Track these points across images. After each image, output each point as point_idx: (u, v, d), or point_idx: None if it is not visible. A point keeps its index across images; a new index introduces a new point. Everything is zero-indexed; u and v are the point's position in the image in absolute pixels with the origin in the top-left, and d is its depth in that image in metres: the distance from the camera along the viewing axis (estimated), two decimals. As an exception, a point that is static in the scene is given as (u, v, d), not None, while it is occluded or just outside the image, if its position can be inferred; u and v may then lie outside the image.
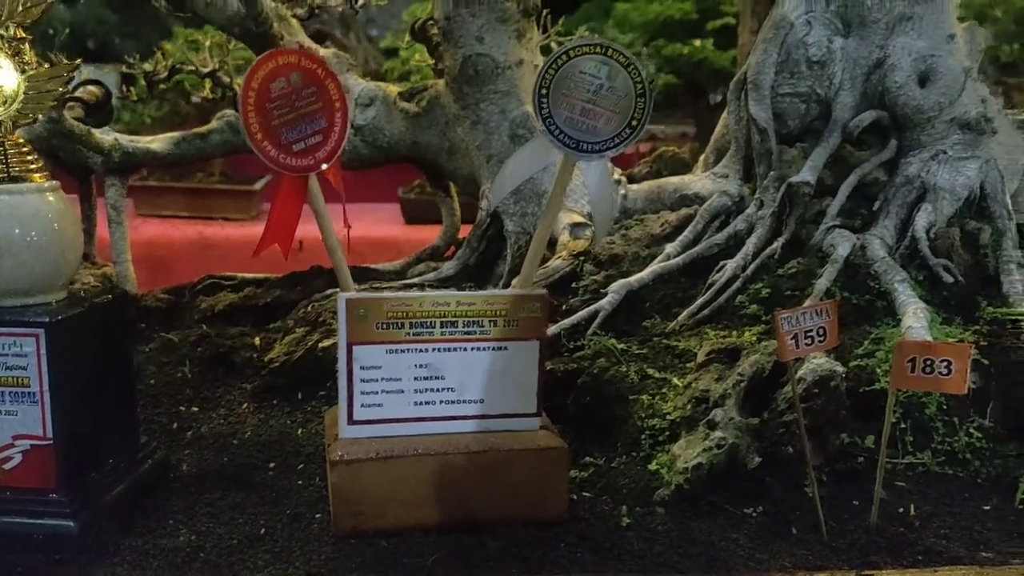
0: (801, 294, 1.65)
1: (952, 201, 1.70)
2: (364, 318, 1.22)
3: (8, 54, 1.25)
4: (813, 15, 1.81)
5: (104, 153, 2.29)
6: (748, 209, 1.82)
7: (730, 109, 1.93)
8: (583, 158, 1.28)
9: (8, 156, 1.26)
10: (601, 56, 1.26)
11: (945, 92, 1.72)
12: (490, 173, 2.15)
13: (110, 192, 2.34)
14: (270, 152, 1.21)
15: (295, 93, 1.22)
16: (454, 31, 2.13)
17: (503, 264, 2.11)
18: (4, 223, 1.23)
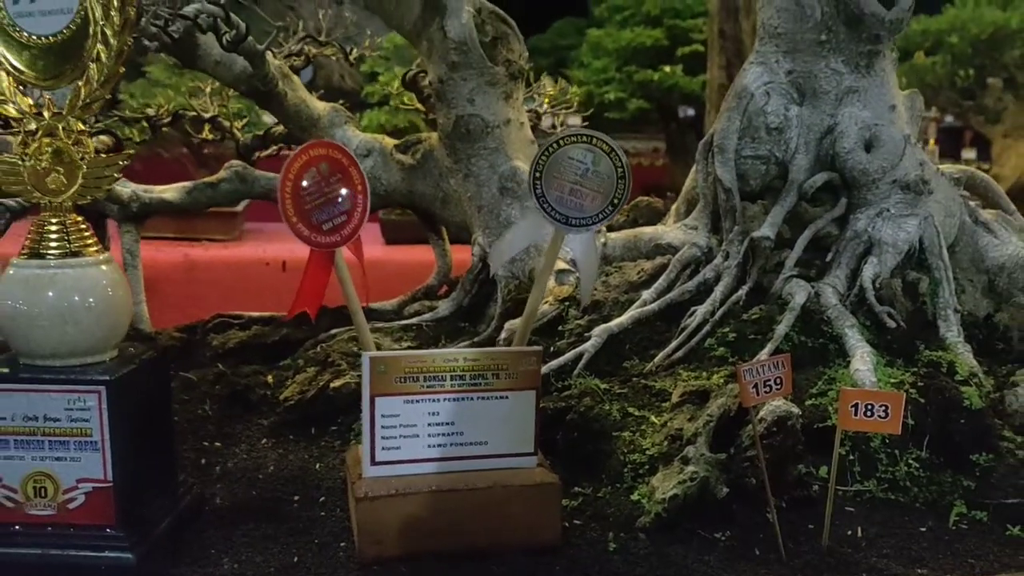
0: (763, 338, 1.86)
1: (895, 254, 1.91)
2: (385, 373, 1.41)
3: (70, 144, 1.43)
4: (771, 86, 2.03)
5: (123, 204, 2.46)
6: (716, 260, 2.03)
7: (698, 168, 2.14)
8: (571, 231, 1.48)
9: (69, 233, 1.44)
10: (587, 144, 1.46)
11: (888, 157, 1.94)
12: (481, 222, 2.35)
13: (126, 238, 2.51)
14: (303, 232, 1.40)
15: (324, 180, 1.41)
16: (447, 93, 2.32)
17: (494, 306, 2.30)
18: (68, 293, 1.41)
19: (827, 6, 1.97)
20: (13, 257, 1.44)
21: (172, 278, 4.09)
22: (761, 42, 2.07)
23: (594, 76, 7.01)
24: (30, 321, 1.40)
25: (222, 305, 4.54)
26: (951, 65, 6.17)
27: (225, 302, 4.34)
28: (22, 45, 1.41)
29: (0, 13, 1.40)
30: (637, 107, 6.83)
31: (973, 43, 6.09)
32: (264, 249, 4.60)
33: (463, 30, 2.26)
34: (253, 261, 4.55)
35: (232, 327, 2.58)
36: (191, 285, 4.39)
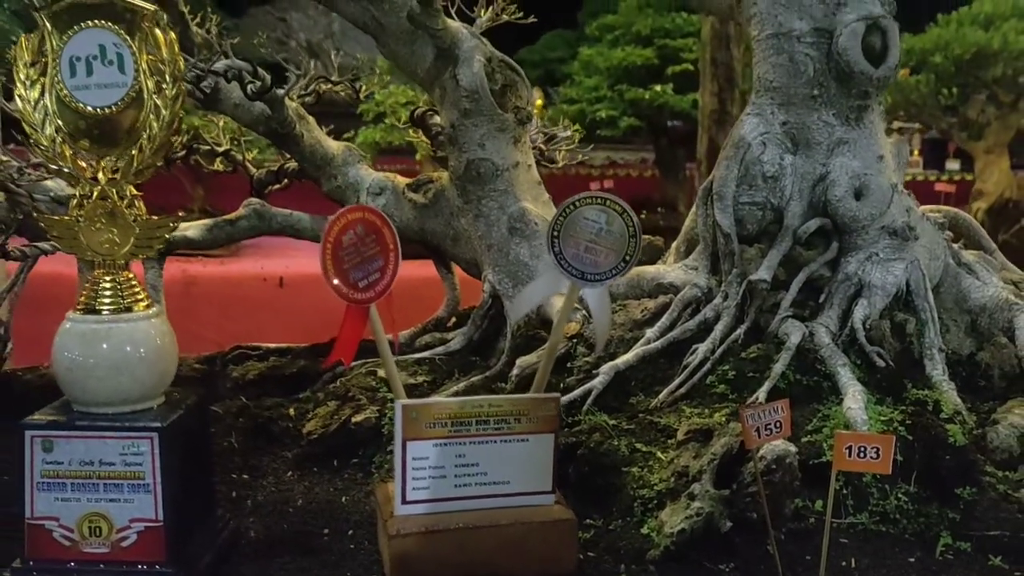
0: (761, 376, 1.98)
1: (884, 296, 2.04)
2: (416, 419, 1.53)
3: (123, 207, 1.54)
4: (767, 136, 2.16)
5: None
6: (715, 300, 2.15)
7: (698, 212, 2.26)
8: (587, 286, 1.60)
9: (122, 290, 1.55)
10: (601, 205, 1.58)
11: (876, 205, 2.07)
12: (491, 260, 2.46)
13: (149, 274, 2.62)
14: (342, 289, 1.52)
15: (360, 241, 1.53)
16: (459, 137, 2.44)
17: (504, 340, 2.42)
18: (122, 346, 1.52)
19: (819, 63, 2.10)
20: (70, 311, 1.56)
21: (170, 293, 4.17)
22: (757, 94, 2.19)
23: (586, 94, 7.14)
24: (87, 372, 1.51)
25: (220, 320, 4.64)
26: (935, 83, 6.30)
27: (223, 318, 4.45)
28: (79, 115, 1.52)
29: (59, 85, 1.51)
30: (628, 125, 6.95)
31: (956, 62, 6.23)
32: (262, 265, 4.70)
33: (475, 79, 2.38)
34: (250, 277, 4.66)
35: (250, 358, 2.69)
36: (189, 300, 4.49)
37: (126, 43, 1.50)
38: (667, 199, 7.00)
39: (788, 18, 2.12)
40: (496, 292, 2.45)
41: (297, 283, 4.61)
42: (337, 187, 2.72)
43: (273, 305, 4.60)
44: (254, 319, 4.42)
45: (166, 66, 1.52)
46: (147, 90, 1.52)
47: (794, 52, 2.12)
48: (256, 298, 4.64)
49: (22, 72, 1.53)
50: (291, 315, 4.33)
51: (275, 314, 4.48)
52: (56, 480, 1.51)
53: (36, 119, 1.53)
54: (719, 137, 5.14)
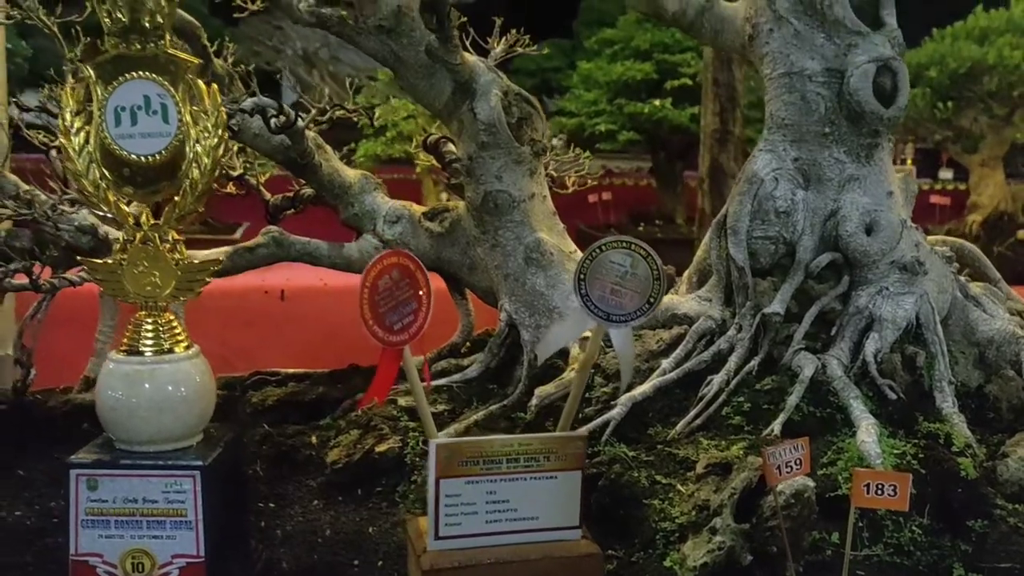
0: (776, 408, 2.04)
1: (894, 330, 2.10)
2: (449, 458, 1.58)
3: (166, 251, 1.59)
4: (779, 172, 2.22)
5: (167, 270, 2.61)
6: (729, 331, 2.21)
7: (711, 245, 2.32)
8: (612, 327, 1.65)
9: (163, 332, 1.60)
10: (626, 250, 1.64)
11: (886, 240, 2.13)
12: (507, 289, 2.51)
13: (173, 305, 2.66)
14: (378, 333, 1.57)
15: (395, 286, 1.58)
16: (476, 170, 2.50)
17: (520, 369, 2.47)
18: (164, 386, 1.57)
19: (830, 102, 2.16)
20: (112, 351, 1.61)
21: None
22: (769, 131, 2.25)
23: (585, 108, 7.20)
24: (130, 412, 1.56)
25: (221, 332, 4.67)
26: (931, 97, 6.38)
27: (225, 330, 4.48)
28: (123, 163, 1.58)
29: (103, 134, 1.57)
30: (627, 139, 7.02)
31: (952, 76, 6.30)
32: (263, 278, 4.74)
33: (492, 113, 2.44)
34: (252, 289, 4.70)
35: (269, 383, 2.74)
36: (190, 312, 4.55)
37: (170, 94, 1.55)
38: (665, 212, 7.07)
39: (800, 58, 2.18)
40: (513, 321, 2.50)
41: (298, 296, 4.65)
42: (354, 215, 2.76)
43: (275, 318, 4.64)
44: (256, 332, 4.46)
45: (208, 116, 1.57)
46: (190, 139, 1.57)
47: (806, 91, 2.18)
48: (258, 311, 4.68)
49: (68, 120, 1.58)
50: (293, 328, 4.37)
51: (276, 327, 4.52)
52: (100, 517, 1.55)
53: (81, 166, 1.58)
54: (721, 156, 5.20)
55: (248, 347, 3.88)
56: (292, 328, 4.31)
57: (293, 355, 4.22)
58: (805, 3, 2.18)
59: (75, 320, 2.90)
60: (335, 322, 4.64)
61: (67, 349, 2.85)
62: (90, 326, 2.80)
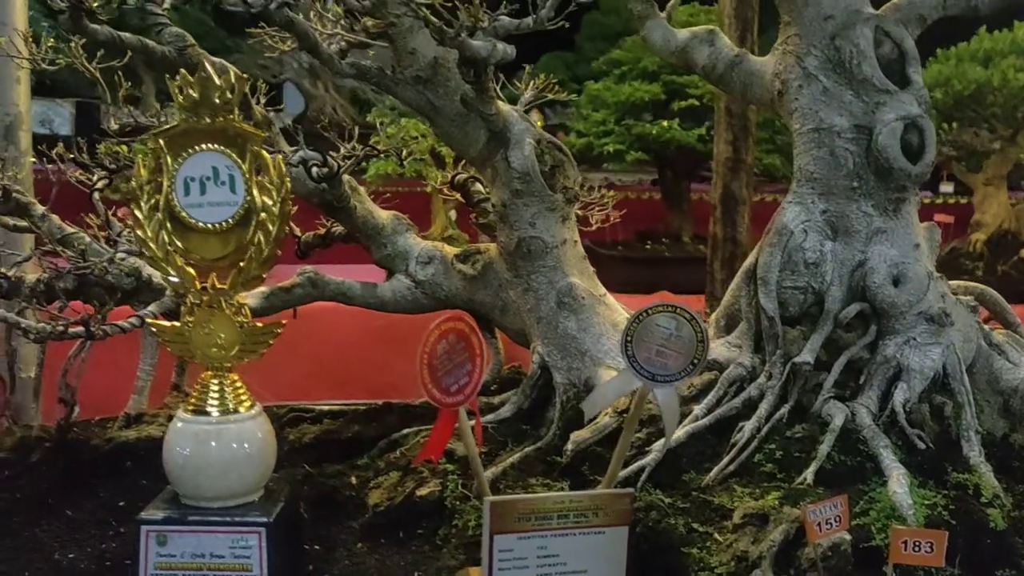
0: (807, 456, 2.10)
1: (922, 380, 2.17)
2: (503, 515, 1.65)
3: (231, 314, 1.66)
4: (808, 224, 2.29)
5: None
6: (759, 379, 2.27)
7: (740, 293, 2.39)
8: (657, 387, 1.73)
9: (229, 392, 1.67)
10: (672, 313, 1.71)
11: (914, 292, 2.20)
12: (540, 332, 2.58)
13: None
14: (436, 395, 1.64)
15: (452, 349, 1.65)
16: (510, 216, 2.57)
17: (553, 410, 2.54)
18: (231, 445, 1.64)
19: (859, 157, 2.23)
20: (180, 411, 1.67)
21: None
22: (798, 183, 2.32)
23: (593, 128, 7.27)
24: (198, 470, 1.62)
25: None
26: (936, 118, 6.44)
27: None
28: (191, 230, 1.65)
29: (173, 202, 1.63)
30: (635, 158, 7.09)
31: (957, 98, 6.38)
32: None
33: (526, 162, 2.51)
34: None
35: (304, 420, 2.81)
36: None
37: (237, 165, 1.63)
38: (672, 230, 7.14)
39: (829, 114, 2.25)
40: (545, 363, 2.57)
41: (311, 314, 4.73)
42: (387, 255, 2.83)
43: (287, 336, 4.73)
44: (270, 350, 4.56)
45: (273, 186, 1.64)
46: (256, 208, 1.64)
47: (835, 146, 2.25)
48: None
49: (138, 188, 1.65)
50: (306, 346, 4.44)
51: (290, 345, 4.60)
52: (169, 572, 1.62)
53: (151, 232, 1.65)
54: (733, 184, 5.26)
55: (262, 366, 3.94)
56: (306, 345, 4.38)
57: (307, 373, 4.29)
58: (834, 61, 2.25)
59: (103, 348, 2.97)
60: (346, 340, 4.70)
61: (96, 378, 2.92)
62: (118, 355, 2.87)
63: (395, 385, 4.52)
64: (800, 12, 2.30)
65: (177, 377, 2.89)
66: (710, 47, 2.48)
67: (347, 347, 4.46)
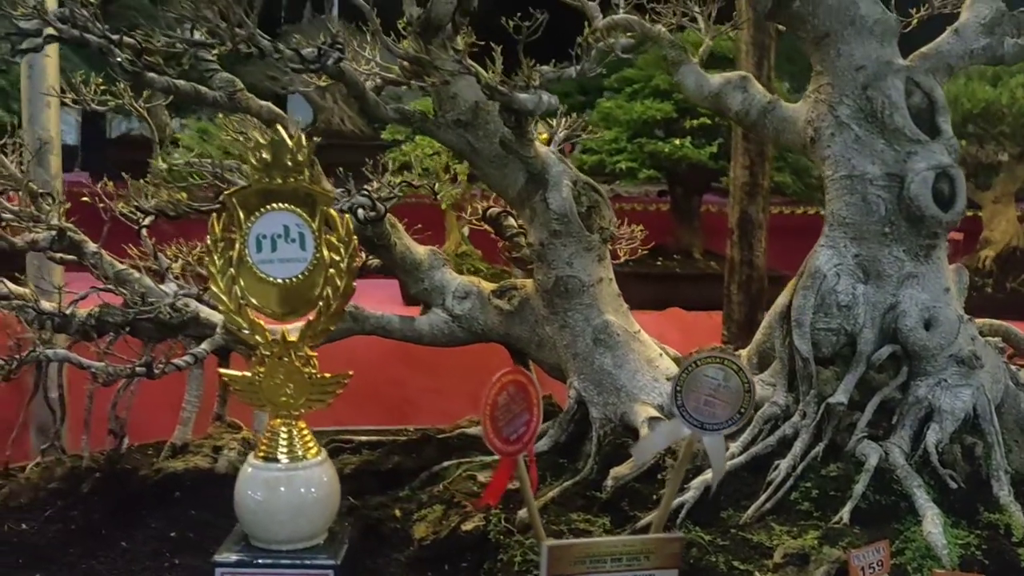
0: (842, 494, 2.18)
1: (953, 421, 2.24)
2: (560, 559, 1.73)
3: (300, 365, 1.74)
4: (841, 267, 2.36)
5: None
6: (794, 417, 2.35)
7: (775, 334, 2.46)
8: (705, 435, 1.80)
9: (297, 440, 1.75)
10: (720, 364, 1.79)
11: (945, 335, 2.28)
12: (576, 368, 2.66)
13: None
14: (497, 444, 1.72)
15: (512, 400, 1.73)
16: (547, 255, 2.64)
17: (589, 444, 2.61)
18: (300, 491, 1.72)
19: (890, 204, 2.31)
20: (251, 456, 1.75)
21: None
22: (831, 227, 2.40)
23: (606, 145, 7.35)
24: (270, 516, 1.70)
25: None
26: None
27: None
28: (262, 284, 1.73)
29: (246, 258, 1.71)
30: (647, 176, 7.17)
31: (966, 116, 6.45)
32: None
33: (564, 203, 2.59)
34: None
35: (344, 451, 2.89)
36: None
37: (307, 223, 1.71)
38: (682, 246, 7.21)
39: (861, 162, 2.33)
40: (581, 398, 2.64)
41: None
42: (424, 290, 2.90)
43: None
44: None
45: (341, 243, 1.72)
46: (325, 263, 1.72)
47: (867, 193, 2.33)
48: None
49: (211, 244, 1.73)
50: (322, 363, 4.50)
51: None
52: (241, 612, 1.70)
53: (224, 286, 1.73)
54: (750, 208, 5.32)
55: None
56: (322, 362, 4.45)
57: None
58: (866, 111, 2.33)
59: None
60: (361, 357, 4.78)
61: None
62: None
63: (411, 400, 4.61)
64: (832, 62, 2.38)
65: (220, 407, 2.97)
66: (743, 93, 2.56)
67: (363, 363, 4.54)
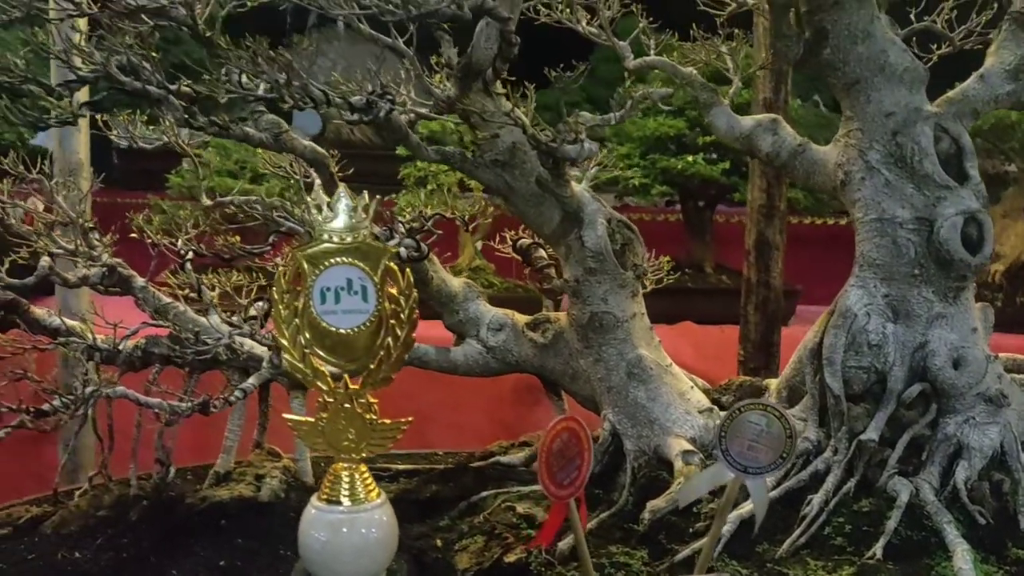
0: (875, 530, 2.25)
1: (981, 458, 2.32)
2: (611, 598, 1.80)
3: (362, 411, 1.82)
4: (871, 307, 2.44)
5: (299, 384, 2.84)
6: (825, 453, 2.42)
7: (805, 370, 2.54)
8: (748, 479, 1.88)
9: (359, 483, 1.82)
10: (763, 411, 1.87)
11: (973, 375, 2.35)
12: (610, 401, 2.73)
13: (294, 403, 2.88)
14: (551, 488, 1.79)
15: (566, 446, 1.80)
16: (583, 292, 2.72)
17: (623, 475, 2.69)
18: (362, 532, 1.79)
19: (920, 247, 2.39)
20: (314, 499, 1.83)
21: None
22: (860, 268, 2.48)
23: (619, 161, 7.42)
24: (334, 556, 1.78)
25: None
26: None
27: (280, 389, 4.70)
28: (326, 335, 1.80)
29: (310, 310, 1.79)
30: (660, 192, 7.25)
31: (975, 131, 6.49)
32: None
33: (599, 242, 2.67)
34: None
35: (382, 479, 2.96)
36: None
37: (369, 277, 1.79)
38: (694, 260, 7.29)
39: (891, 206, 2.41)
40: (616, 430, 2.72)
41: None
42: (458, 321, 2.98)
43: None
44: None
45: (402, 295, 1.80)
46: (386, 315, 1.80)
47: (897, 236, 2.40)
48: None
49: (277, 296, 1.81)
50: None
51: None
52: (307, 649, 1.77)
53: (288, 335, 1.81)
54: (767, 231, 5.39)
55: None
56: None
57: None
58: (895, 156, 2.41)
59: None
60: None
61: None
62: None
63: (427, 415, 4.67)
64: (862, 108, 2.46)
65: (259, 436, 3.05)
66: (773, 136, 2.64)
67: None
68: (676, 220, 7.64)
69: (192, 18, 2.29)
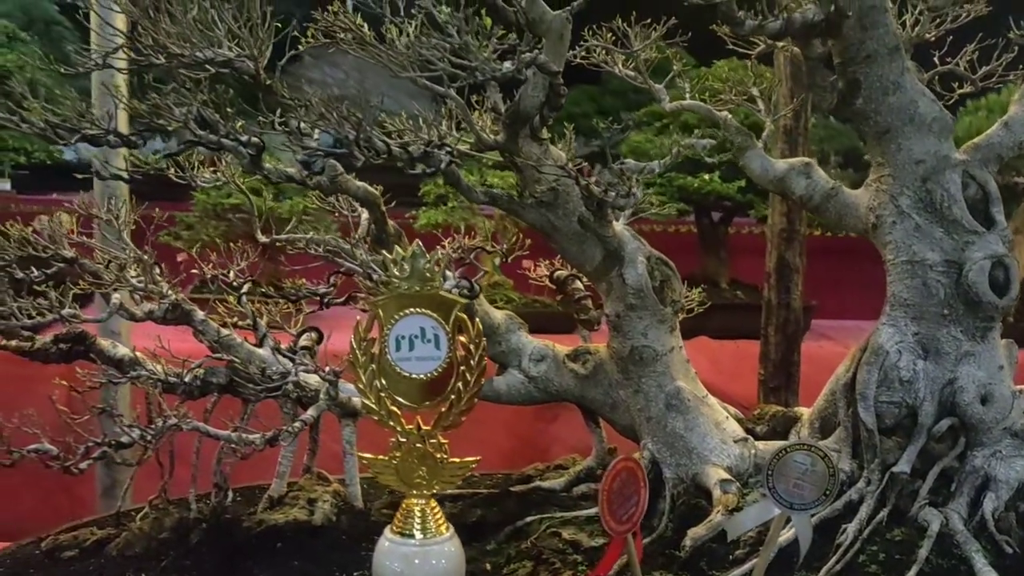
0: (907, 558, 2.37)
1: (1008, 490, 2.44)
2: (666, 625, 1.93)
3: (433, 451, 1.95)
4: (902, 345, 2.56)
5: (343, 405, 2.97)
6: (859, 483, 2.55)
7: (839, 404, 2.66)
8: (794, 514, 2.01)
9: (429, 518, 1.95)
10: (807, 451, 1.99)
11: (1000, 410, 2.48)
12: (649, 430, 2.85)
13: (346, 431, 3.01)
14: (612, 525, 1.92)
15: (624, 485, 1.93)
16: (623, 326, 2.85)
17: (663, 502, 2.81)
18: (433, 563, 1.92)
19: (949, 288, 2.51)
20: (387, 530, 1.96)
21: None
22: (891, 307, 2.60)
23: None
24: (431, 588, 1.91)
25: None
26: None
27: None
28: (400, 379, 1.93)
29: (386, 356, 1.93)
30: (677, 209, 7.37)
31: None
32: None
33: (640, 279, 2.80)
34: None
35: (428, 504, 3.09)
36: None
37: (442, 326, 1.92)
38: (709, 275, 7.41)
39: (921, 249, 2.54)
40: (655, 459, 2.84)
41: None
42: (501, 352, 3.11)
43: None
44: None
45: (472, 343, 1.93)
46: (457, 362, 1.93)
47: (927, 278, 2.53)
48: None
49: (356, 343, 1.94)
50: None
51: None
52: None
53: (365, 380, 1.94)
54: (787, 253, 5.51)
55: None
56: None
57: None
58: (925, 201, 2.53)
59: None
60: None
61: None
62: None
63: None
64: (893, 156, 2.58)
65: (309, 460, 3.18)
66: (807, 179, 2.77)
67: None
68: (688, 232, 7.78)
69: (256, 69, 2.43)
